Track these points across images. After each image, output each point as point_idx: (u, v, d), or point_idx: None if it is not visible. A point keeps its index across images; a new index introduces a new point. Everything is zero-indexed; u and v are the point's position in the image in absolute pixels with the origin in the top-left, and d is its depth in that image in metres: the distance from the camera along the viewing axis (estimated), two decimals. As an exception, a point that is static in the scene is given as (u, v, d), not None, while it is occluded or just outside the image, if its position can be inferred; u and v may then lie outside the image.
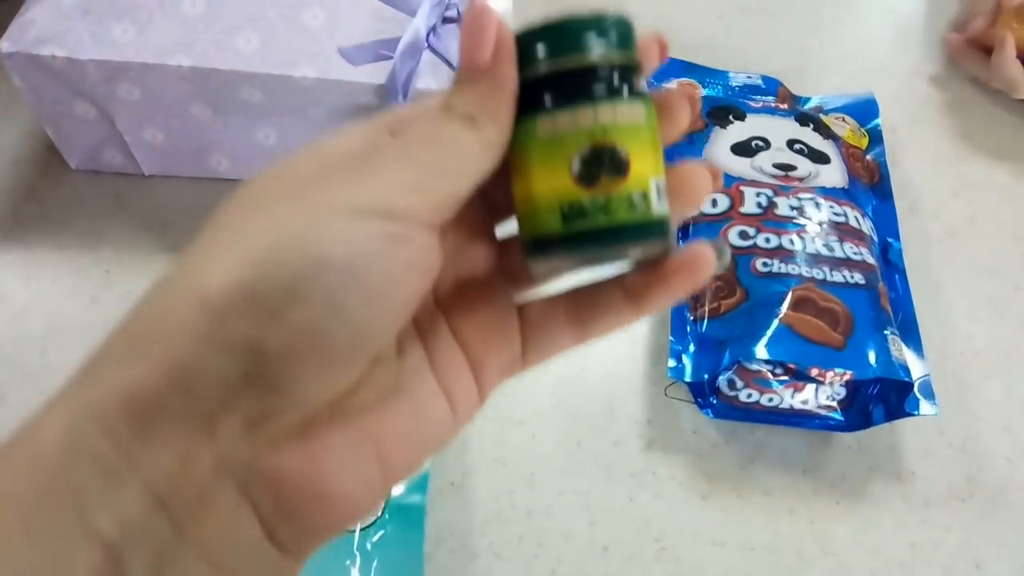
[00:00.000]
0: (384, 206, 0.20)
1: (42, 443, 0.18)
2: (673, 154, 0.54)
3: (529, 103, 0.22)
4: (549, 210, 0.22)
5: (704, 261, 0.23)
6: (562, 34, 0.22)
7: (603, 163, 0.22)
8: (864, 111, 0.58)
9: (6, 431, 0.42)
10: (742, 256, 0.45)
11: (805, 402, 0.43)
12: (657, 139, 0.22)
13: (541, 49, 0.22)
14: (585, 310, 0.24)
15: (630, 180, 0.22)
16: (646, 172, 0.22)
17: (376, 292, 0.19)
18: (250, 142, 0.49)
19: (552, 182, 0.22)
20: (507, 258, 0.25)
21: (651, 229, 0.22)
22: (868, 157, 0.55)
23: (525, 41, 0.22)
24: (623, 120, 0.22)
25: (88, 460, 0.18)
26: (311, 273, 0.19)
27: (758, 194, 0.47)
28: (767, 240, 0.45)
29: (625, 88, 0.22)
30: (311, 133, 0.49)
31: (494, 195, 0.24)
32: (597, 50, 0.22)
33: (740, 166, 0.50)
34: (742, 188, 0.48)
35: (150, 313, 0.19)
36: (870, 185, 0.53)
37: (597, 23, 0.22)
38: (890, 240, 0.51)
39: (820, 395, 0.43)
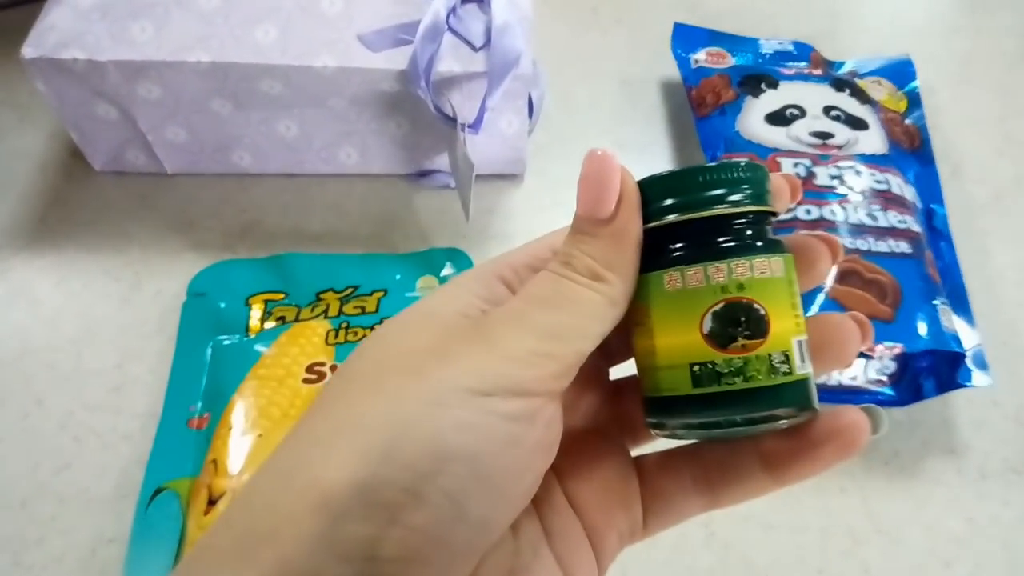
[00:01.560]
0: (508, 381, 0.18)
1: None
2: (706, 126, 0.52)
3: (654, 253, 0.21)
4: (677, 369, 0.20)
5: (859, 431, 0.20)
6: (691, 182, 0.20)
7: (739, 322, 0.20)
8: (901, 73, 0.55)
9: (45, 436, 0.42)
10: (782, 230, 0.43)
11: (854, 378, 0.42)
12: (796, 292, 0.21)
13: (668, 198, 0.20)
14: (715, 476, 0.22)
15: (770, 340, 0.20)
16: (787, 330, 0.20)
17: (501, 484, 0.18)
18: (272, 136, 0.49)
19: (681, 340, 0.20)
20: (623, 406, 0.24)
21: (794, 395, 0.20)
22: (907, 121, 0.53)
23: (650, 188, 0.21)
24: (760, 275, 0.20)
25: None
26: (434, 470, 0.17)
27: (796, 164, 0.46)
28: (808, 212, 0.43)
29: (760, 240, 0.20)
30: (332, 124, 0.48)
31: (607, 338, 0.22)
32: (729, 199, 0.20)
33: (775, 136, 0.48)
34: (779, 159, 0.46)
35: (259, 508, 0.18)
36: (911, 150, 0.51)
37: (728, 170, 0.20)
38: (934, 207, 0.49)
39: (869, 370, 0.41)
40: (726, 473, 0.22)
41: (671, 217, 0.20)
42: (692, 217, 0.20)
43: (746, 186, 0.20)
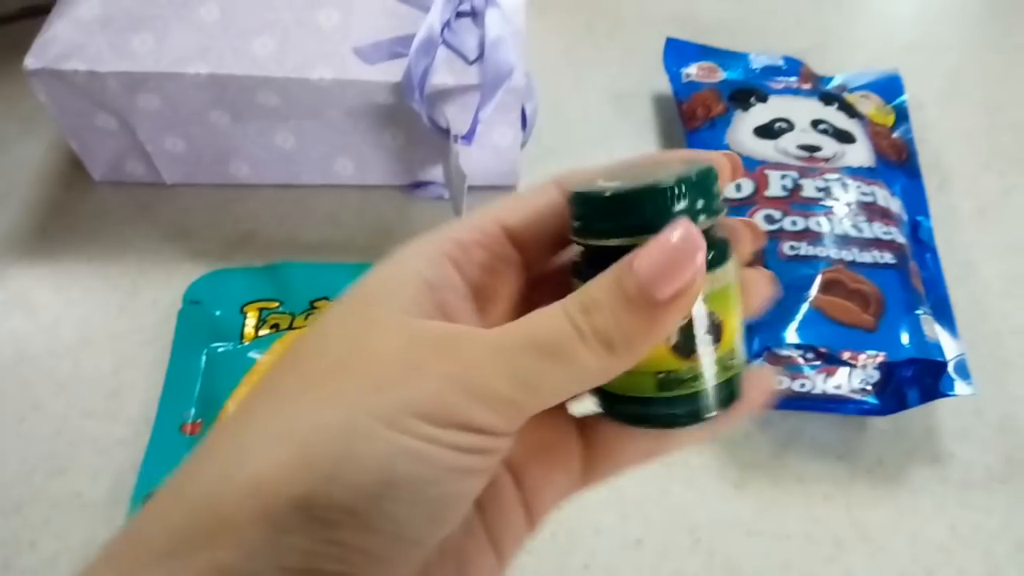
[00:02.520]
0: (466, 419, 0.17)
1: None
2: (696, 139, 0.53)
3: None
4: (642, 376, 0.20)
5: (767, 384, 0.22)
6: (657, 202, 0.19)
7: (700, 334, 0.20)
8: (889, 88, 0.56)
9: (41, 441, 0.43)
10: (769, 241, 0.44)
11: (838, 387, 0.42)
12: (738, 285, 0.21)
13: (633, 215, 0.19)
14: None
15: (723, 342, 0.21)
16: (735, 328, 0.21)
17: (443, 508, 0.18)
18: (269, 147, 0.49)
19: (647, 352, 0.20)
20: None
21: (739, 383, 0.22)
22: (895, 135, 0.54)
23: (617, 201, 0.20)
24: (719, 286, 0.20)
25: None
26: (377, 493, 0.17)
27: (783, 176, 0.46)
28: (794, 223, 0.44)
29: (716, 248, 0.20)
30: (328, 135, 0.49)
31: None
32: (698, 219, 0.20)
33: (764, 149, 0.49)
34: (766, 171, 0.47)
35: (197, 504, 0.17)
36: (898, 163, 0.52)
37: (687, 185, 0.19)
38: (919, 219, 0.50)
39: (853, 379, 0.42)
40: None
41: (638, 239, 0.19)
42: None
43: (703, 200, 0.20)
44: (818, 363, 0.41)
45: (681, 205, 0.19)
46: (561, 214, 0.22)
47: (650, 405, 0.21)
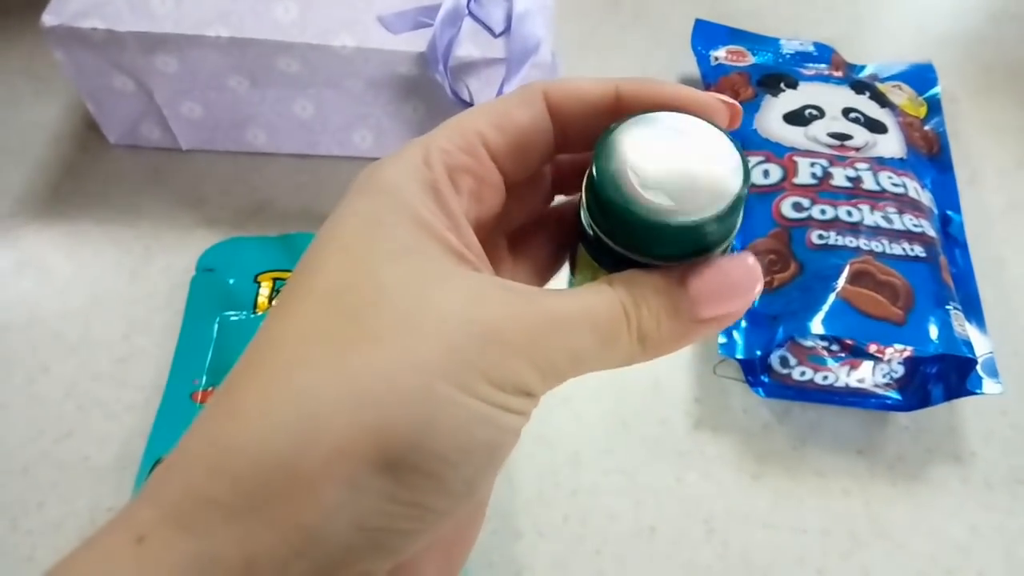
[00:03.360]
0: (524, 385, 0.18)
1: None
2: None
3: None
4: None
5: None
6: (705, 233, 0.19)
7: None
8: (922, 79, 0.55)
9: (50, 403, 0.42)
10: (796, 228, 0.43)
11: (861, 380, 0.41)
12: None
13: (668, 246, 0.19)
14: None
15: None
16: None
17: (498, 468, 0.19)
18: (287, 115, 0.49)
19: None
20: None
21: None
22: (926, 127, 0.52)
23: (657, 231, 0.19)
24: None
25: None
26: (457, 460, 0.17)
27: (812, 164, 0.45)
28: (823, 212, 0.43)
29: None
30: (348, 105, 0.48)
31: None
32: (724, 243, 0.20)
33: (793, 135, 0.48)
34: (795, 158, 0.46)
35: (267, 463, 0.17)
36: (929, 156, 0.51)
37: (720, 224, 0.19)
38: (950, 213, 0.48)
39: (877, 373, 0.41)
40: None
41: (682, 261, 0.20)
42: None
43: (736, 219, 0.20)
44: (843, 355, 0.40)
45: (727, 238, 0.19)
46: (547, 131, 0.21)
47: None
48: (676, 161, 0.19)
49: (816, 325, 0.39)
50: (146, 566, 0.16)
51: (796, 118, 0.49)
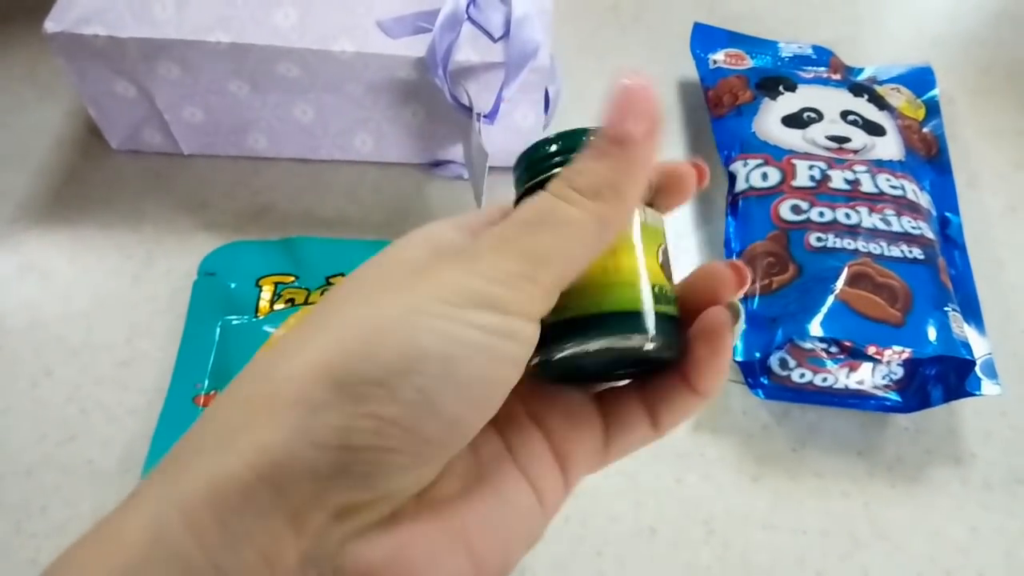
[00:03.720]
0: (484, 299, 0.19)
1: (124, 539, 0.17)
2: (722, 126, 0.53)
3: None
4: (647, 288, 0.22)
5: (723, 324, 0.22)
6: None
7: (669, 259, 0.23)
8: (920, 81, 0.55)
9: (53, 407, 0.42)
10: (795, 231, 0.43)
11: (860, 382, 0.41)
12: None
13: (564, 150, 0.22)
14: (656, 401, 0.23)
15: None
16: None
17: (472, 388, 0.19)
18: (288, 119, 0.49)
19: (651, 265, 0.22)
20: None
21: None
22: (925, 129, 0.52)
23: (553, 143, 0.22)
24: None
25: (170, 560, 0.17)
26: (405, 367, 0.18)
27: (811, 167, 0.46)
28: (821, 214, 0.43)
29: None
30: (348, 110, 0.48)
31: None
32: None
33: (791, 138, 0.48)
34: (794, 161, 0.46)
35: (239, 401, 0.19)
36: (927, 158, 0.51)
37: None
38: (948, 215, 0.49)
39: (876, 375, 0.41)
40: (662, 395, 0.23)
41: None
42: None
43: None
44: (842, 357, 0.40)
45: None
46: None
47: (642, 320, 0.21)
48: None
49: (815, 327, 0.39)
50: (132, 511, 0.18)
51: (795, 121, 0.49)
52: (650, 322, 0.21)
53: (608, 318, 0.21)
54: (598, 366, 0.23)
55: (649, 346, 0.22)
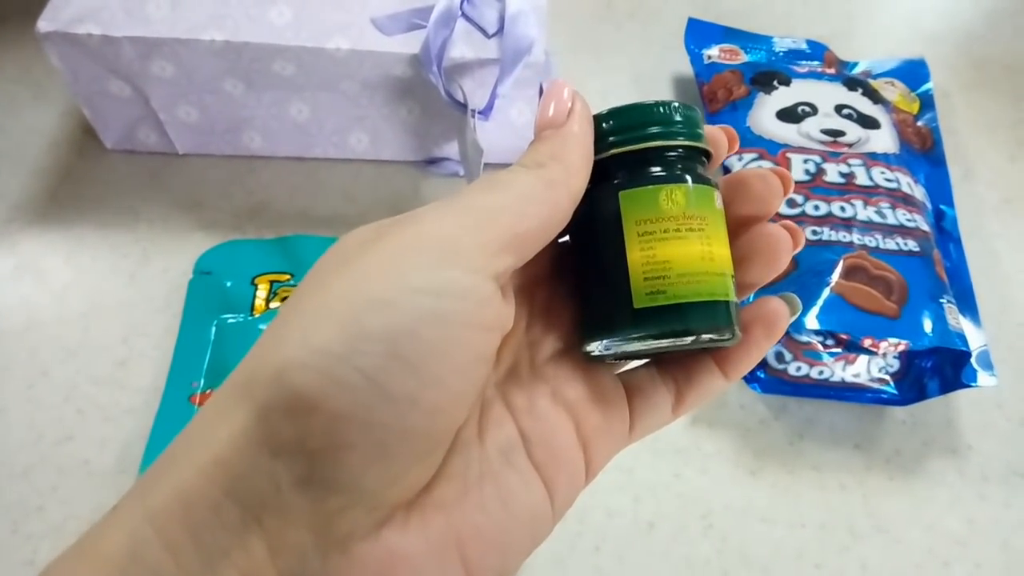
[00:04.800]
0: (430, 258, 0.18)
1: (102, 555, 0.17)
2: (717, 121, 0.53)
3: (703, 176, 0.22)
4: (720, 277, 0.21)
5: (779, 314, 0.22)
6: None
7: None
8: (914, 75, 0.55)
9: (49, 407, 0.42)
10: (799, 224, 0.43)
11: (857, 375, 0.41)
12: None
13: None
14: (681, 378, 0.23)
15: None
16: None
17: (426, 362, 0.17)
18: (283, 118, 0.49)
19: (728, 253, 0.22)
20: None
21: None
22: (919, 123, 0.53)
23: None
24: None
25: None
26: (348, 351, 0.17)
27: (806, 160, 0.46)
28: (816, 207, 0.43)
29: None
30: (344, 107, 0.48)
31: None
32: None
33: (786, 132, 0.48)
34: (789, 155, 0.46)
35: (209, 410, 0.18)
36: (922, 151, 0.51)
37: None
38: (943, 208, 0.49)
39: (872, 367, 0.41)
40: (690, 376, 0.23)
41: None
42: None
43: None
44: (838, 350, 0.40)
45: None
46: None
47: (724, 312, 0.21)
48: None
49: (811, 320, 0.40)
50: (112, 525, 0.18)
51: (789, 115, 0.49)
52: (735, 313, 0.22)
53: (704, 307, 0.21)
54: (656, 351, 0.22)
55: (730, 338, 0.22)
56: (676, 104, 0.23)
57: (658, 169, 0.22)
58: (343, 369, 0.17)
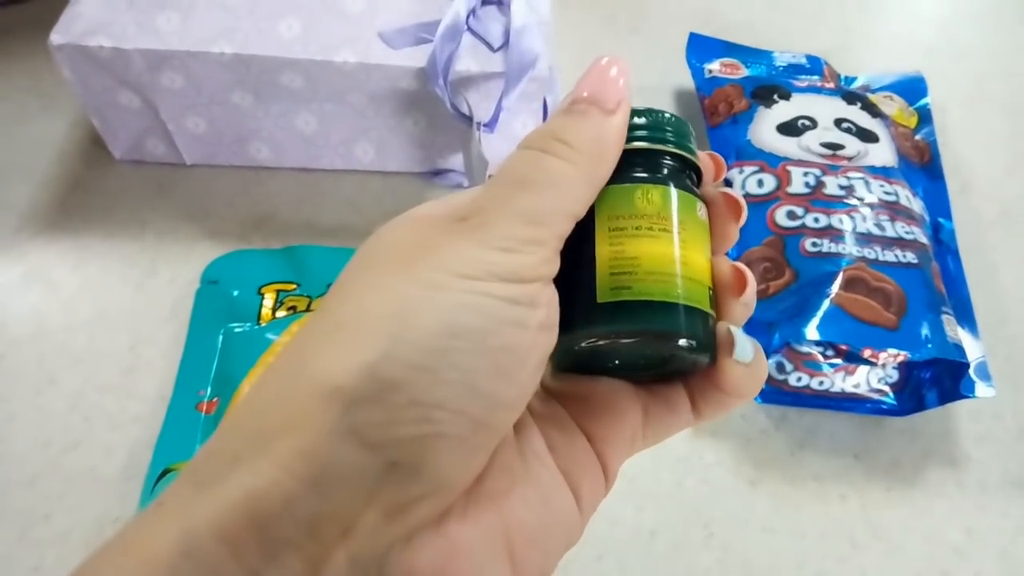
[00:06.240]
0: (502, 269, 0.18)
1: (150, 552, 0.16)
2: (718, 134, 0.54)
3: (690, 181, 0.23)
4: (701, 286, 0.21)
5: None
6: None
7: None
8: (913, 90, 0.56)
9: (57, 415, 0.42)
10: (790, 236, 0.44)
11: (857, 386, 0.42)
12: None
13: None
14: (695, 392, 0.23)
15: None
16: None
17: (510, 360, 0.18)
18: (290, 129, 0.49)
19: (704, 259, 0.22)
20: None
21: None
22: (918, 137, 0.53)
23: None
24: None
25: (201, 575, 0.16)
26: (440, 345, 0.17)
27: (806, 174, 0.46)
28: (816, 220, 0.44)
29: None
30: (350, 119, 0.49)
31: None
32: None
33: (786, 146, 0.48)
34: (789, 168, 0.47)
35: (267, 407, 0.18)
36: (920, 165, 0.51)
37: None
38: (941, 221, 0.49)
39: (872, 378, 0.42)
40: (701, 390, 0.23)
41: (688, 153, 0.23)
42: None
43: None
44: (838, 361, 0.41)
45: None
46: None
47: (692, 319, 0.21)
48: None
49: (811, 331, 0.40)
50: (156, 526, 0.17)
51: (789, 129, 0.50)
52: (708, 328, 0.21)
53: (671, 308, 0.20)
54: (627, 359, 0.22)
55: (697, 349, 0.21)
56: (668, 114, 0.23)
57: (639, 170, 0.22)
58: (439, 362, 0.17)
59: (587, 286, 0.21)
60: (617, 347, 0.21)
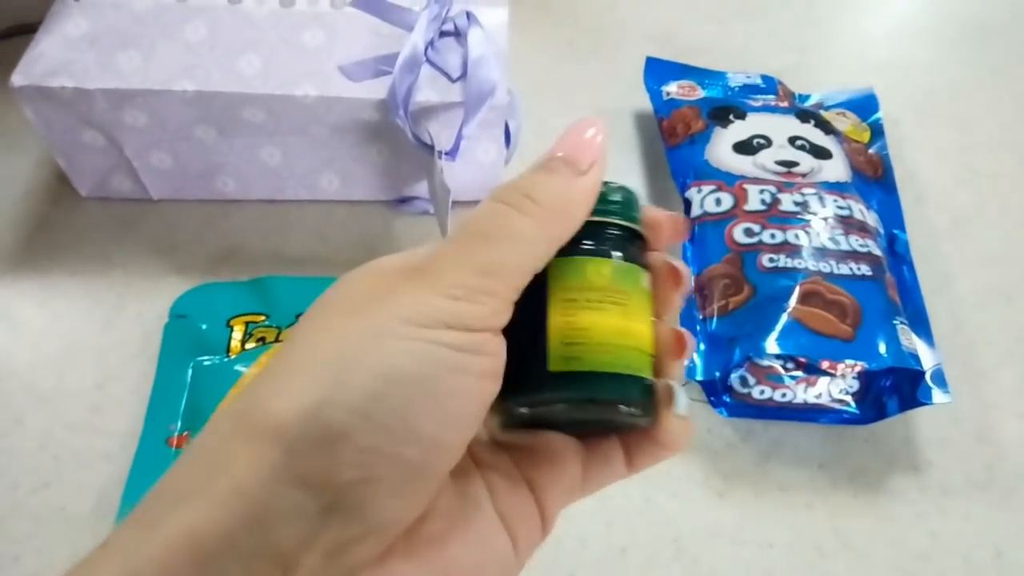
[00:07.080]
0: (449, 317, 0.19)
1: None
2: (676, 155, 0.56)
3: (636, 250, 0.24)
4: (642, 355, 0.23)
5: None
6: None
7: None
8: (865, 106, 0.58)
9: (25, 455, 0.42)
10: (748, 253, 0.45)
11: (819, 396, 0.43)
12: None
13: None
14: (631, 444, 0.24)
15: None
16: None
17: (450, 406, 0.19)
18: (255, 162, 0.50)
19: (649, 329, 0.23)
20: None
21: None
22: (871, 151, 0.55)
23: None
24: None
25: None
26: (382, 391, 0.18)
27: (761, 191, 0.47)
28: (772, 236, 0.45)
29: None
30: (314, 151, 0.49)
31: None
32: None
33: (742, 164, 0.50)
34: (745, 186, 0.48)
35: (213, 447, 0.19)
36: (874, 179, 0.53)
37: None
38: (896, 232, 0.51)
39: (833, 389, 0.43)
40: (635, 444, 0.24)
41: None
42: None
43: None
44: (799, 373, 0.42)
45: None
46: None
47: (637, 388, 0.22)
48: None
49: (771, 345, 0.41)
50: (101, 568, 0.17)
51: (745, 147, 0.51)
52: (649, 392, 0.22)
53: (617, 379, 0.22)
54: (572, 420, 0.23)
55: (640, 415, 0.22)
56: (615, 185, 0.24)
57: (589, 242, 0.23)
58: (377, 407, 0.18)
59: (539, 353, 0.22)
60: (567, 411, 0.22)
